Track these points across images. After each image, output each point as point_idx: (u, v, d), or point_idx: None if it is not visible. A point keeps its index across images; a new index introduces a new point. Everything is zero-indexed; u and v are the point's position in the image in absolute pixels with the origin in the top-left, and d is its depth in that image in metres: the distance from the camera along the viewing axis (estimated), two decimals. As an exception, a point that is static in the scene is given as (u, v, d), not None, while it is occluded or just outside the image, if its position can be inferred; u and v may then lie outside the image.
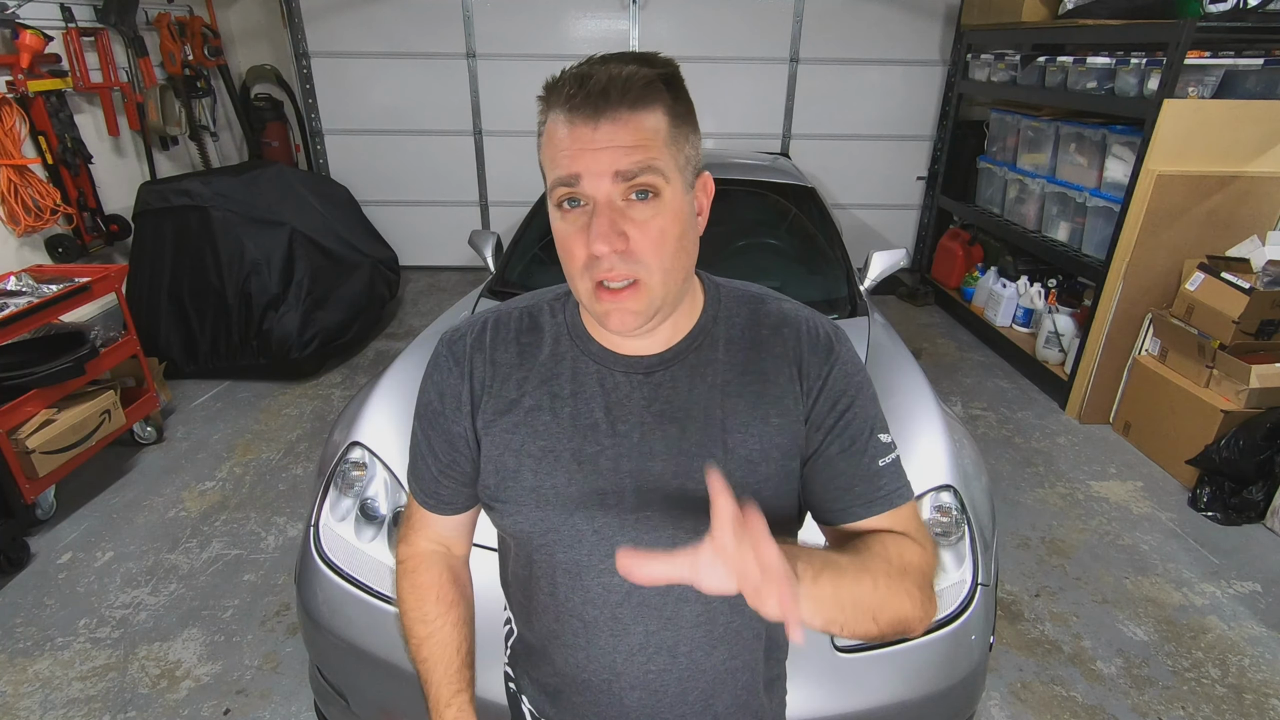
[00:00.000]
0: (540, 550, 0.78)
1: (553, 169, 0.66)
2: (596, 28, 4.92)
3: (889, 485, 0.76)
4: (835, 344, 0.78)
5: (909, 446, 1.63)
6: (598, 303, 0.68)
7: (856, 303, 2.34)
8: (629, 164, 0.64)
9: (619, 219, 0.65)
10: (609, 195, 0.65)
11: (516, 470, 0.76)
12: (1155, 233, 3.08)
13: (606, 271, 0.66)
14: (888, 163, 5.34)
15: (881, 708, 1.36)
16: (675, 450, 0.74)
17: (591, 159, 0.64)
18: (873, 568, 0.67)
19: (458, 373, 0.80)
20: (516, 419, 0.77)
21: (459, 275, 5.44)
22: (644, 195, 0.65)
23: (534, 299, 0.84)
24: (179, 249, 3.55)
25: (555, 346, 0.79)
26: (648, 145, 0.64)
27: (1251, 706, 1.96)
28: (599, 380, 0.76)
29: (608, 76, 0.64)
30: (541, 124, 0.68)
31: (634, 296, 0.67)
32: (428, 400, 0.83)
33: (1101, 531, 2.66)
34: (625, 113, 0.64)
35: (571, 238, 0.67)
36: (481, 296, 2.39)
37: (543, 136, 0.68)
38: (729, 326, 0.78)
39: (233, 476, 2.91)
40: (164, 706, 1.90)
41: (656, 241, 0.66)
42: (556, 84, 0.66)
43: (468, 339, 0.81)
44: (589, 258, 0.66)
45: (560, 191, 0.66)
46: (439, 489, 0.84)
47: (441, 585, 0.86)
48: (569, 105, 0.64)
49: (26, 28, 3.15)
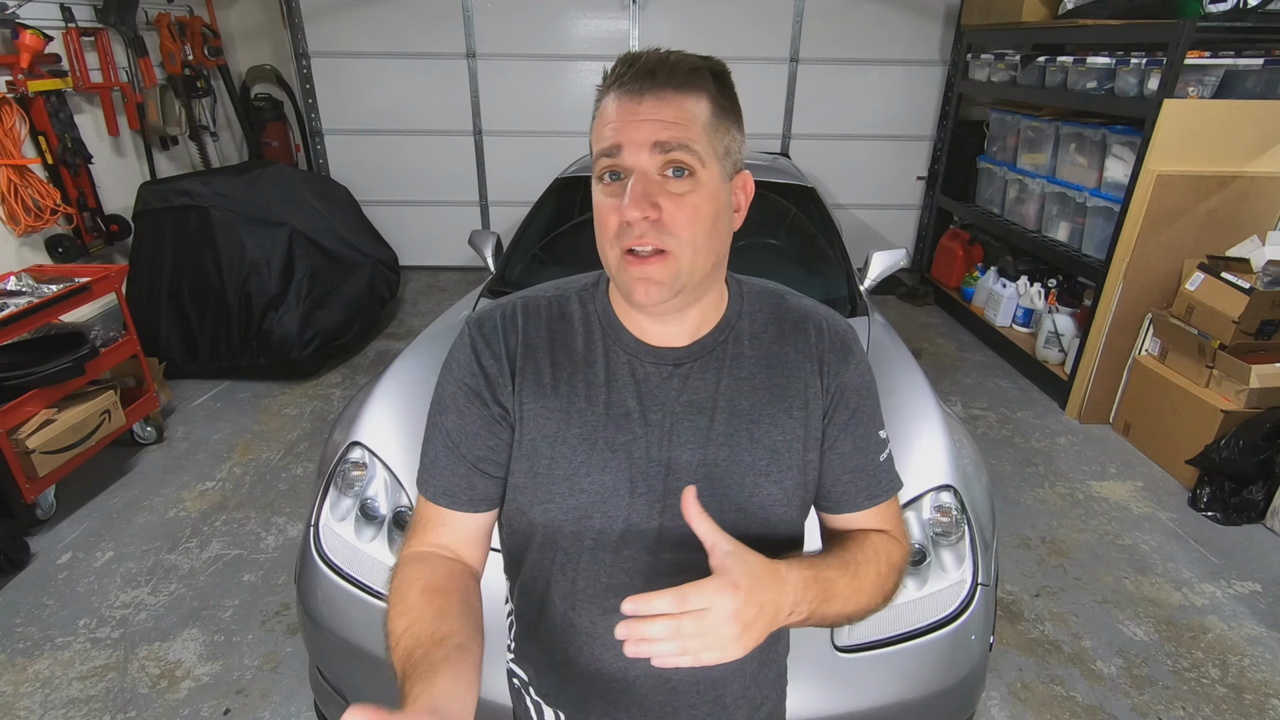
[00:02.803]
0: (569, 539, 0.78)
1: (598, 142, 0.70)
2: (597, 28, 4.92)
3: (886, 478, 0.83)
4: (852, 344, 0.83)
5: (909, 446, 1.63)
6: (626, 271, 0.69)
7: (856, 303, 2.34)
8: (668, 136, 0.66)
9: (654, 189, 0.67)
10: (646, 166, 0.67)
11: (551, 457, 0.76)
12: (1155, 233, 3.08)
13: (637, 239, 0.68)
14: (888, 163, 5.34)
15: (881, 708, 1.36)
16: (703, 440, 0.76)
17: (633, 129, 0.67)
18: (864, 583, 0.74)
19: (489, 353, 0.78)
20: (553, 404, 0.77)
21: (459, 275, 5.44)
22: (680, 173, 0.68)
23: (560, 288, 0.84)
24: (179, 249, 3.55)
25: (588, 335, 0.79)
26: (687, 125, 0.67)
27: (1251, 706, 1.96)
28: (630, 370, 0.77)
29: (657, 59, 0.68)
30: (596, 108, 0.72)
31: (661, 266, 0.68)
32: (458, 385, 0.78)
33: (1101, 531, 2.66)
34: (670, 92, 0.67)
35: (607, 208, 0.70)
36: (481, 296, 2.39)
37: (595, 118, 0.72)
38: (752, 321, 0.81)
39: (233, 476, 2.91)
40: (164, 706, 1.90)
41: (690, 216, 0.68)
42: (612, 69, 0.70)
43: (497, 319, 0.80)
44: (621, 224, 0.68)
45: (603, 163, 0.69)
46: (474, 480, 0.78)
47: (432, 576, 0.74)
48: (618, 83, 0.69)
49: (26, 28, 3.14)
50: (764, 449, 0.77)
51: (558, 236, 2.68)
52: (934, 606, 1.44)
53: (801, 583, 0.66)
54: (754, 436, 0.77)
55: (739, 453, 0.77)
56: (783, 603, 0.64)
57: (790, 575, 0.66)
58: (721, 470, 0.76)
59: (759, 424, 0.77)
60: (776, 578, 0.64)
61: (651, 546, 0.77)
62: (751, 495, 0.77)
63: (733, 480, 0.76)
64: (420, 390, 1.78)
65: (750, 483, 0.77)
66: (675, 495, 0.76)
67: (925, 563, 1.51)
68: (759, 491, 0.77)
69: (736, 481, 0.76)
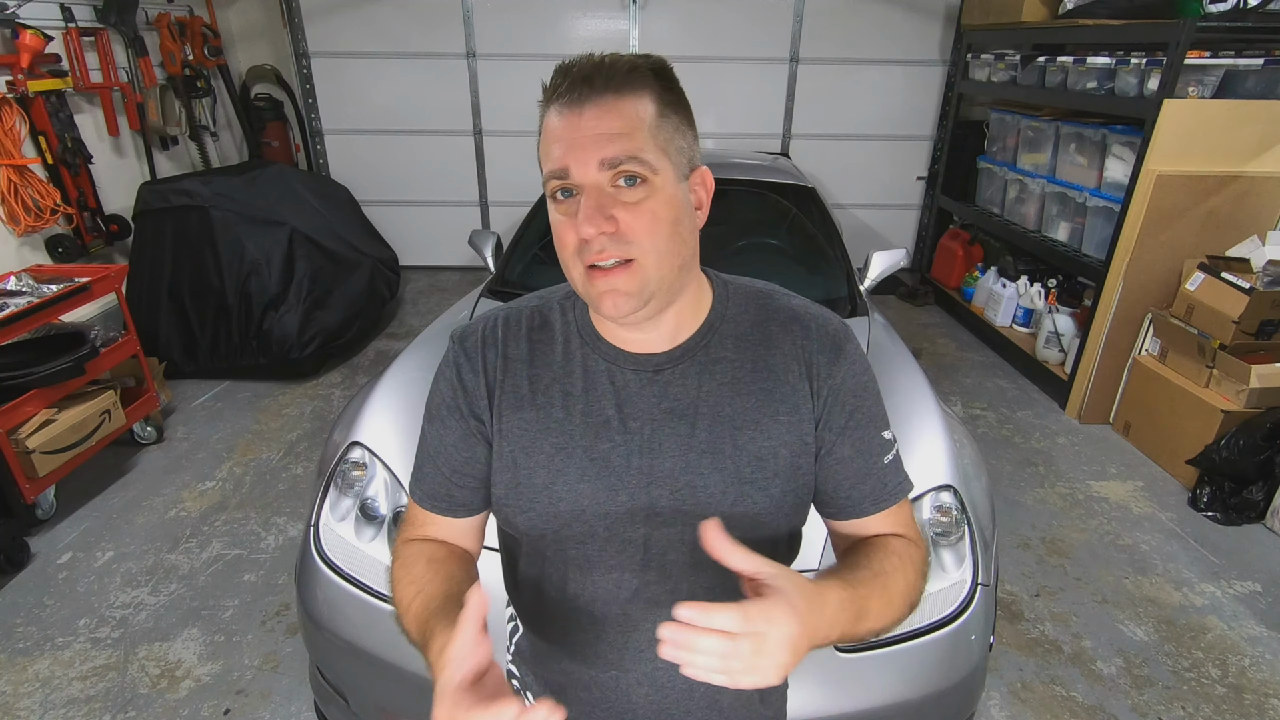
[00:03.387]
0: (553, 547, 0.78)
1: (546, 162, 0.68)
2: (596, 28, 4.92)
3: (893, 481, 0.80)
4: (844, 343, 0.79)
5: (909, 446, 1.63)
6: (591, 285, 0.69)
7: (856, 303, 2.34)
8: (614, 151, 0.65)
9: (607, 203, 0.66)
10: (597, 181, 0.66)
11: (530, 468, 0.76)
12: (1155, 233, 3.08)
13: (597, 254, 0.67)
14: (888, 162, 5.34)
15: (882, 708, 1.36)
16: (684, 447, 0.75)
17: (578, 150, 0.66)
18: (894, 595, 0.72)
19: (470, 368, 0.79)
20: (529, 415, 0.77)
21: (459, 275, 5.44)
22: (632, 181, 0.66)
23: (542, 298, 0.84)
24: (179, 249, 3.55)
25: (566, 344, 0.79)
26: (632, 133, 0.65)
27: (1251, 706, 1.96)
28: (609, 377, 0.77)
29: (592, 65, 0.66)
30: (540, 124, 0.70)
31: (627, 276, 0.68)
32: (441, 399, 0.81)
33: (1101, 531, 2.66)
34: (610, 98, 0.66)
35: (563, 225, 0.69)
36: (481, 296, 2.39)
37: (540, 134, 0.70)
38: (737, 324, 0.79)
39: (233, 476, 2.91)
40: (164, 706, 1.90)
41: (649, 223, 0.67)
42: (550, 81, 0.69)
43: (479, 334, 0.81)
44: (579, 242, 0.67)
45: (553, 184, 0.68)
46: (451, 490, 0.81)
47: (434, 551, 0.80)
48: (557, 96, 0.67)
49: (26, 28, 3.14)
50: (748, 456, 0.75)
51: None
52: (934, 606, 1.44)
53: (839, 604, 0.65)
54: (738, 443, 0.75)
55: (722, 460, 0.75)
56: (822, 625, 0.61)
57: (830, 597, 0.64)
58: (704, 478, 0.75)
59: (743, 430, 0.75)
60: (820, 600, 0.62)
61: (637, 554, 0.77)
62: (736, 503, 0.75)
63: (716, 488, 0.75)
64: (420, 390, 1.75)
65: (735, 490, 0.75)
66: (657, 503, 0.75)
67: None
68: (744, 499, 0.75)
69: (720, 489, 0.75)
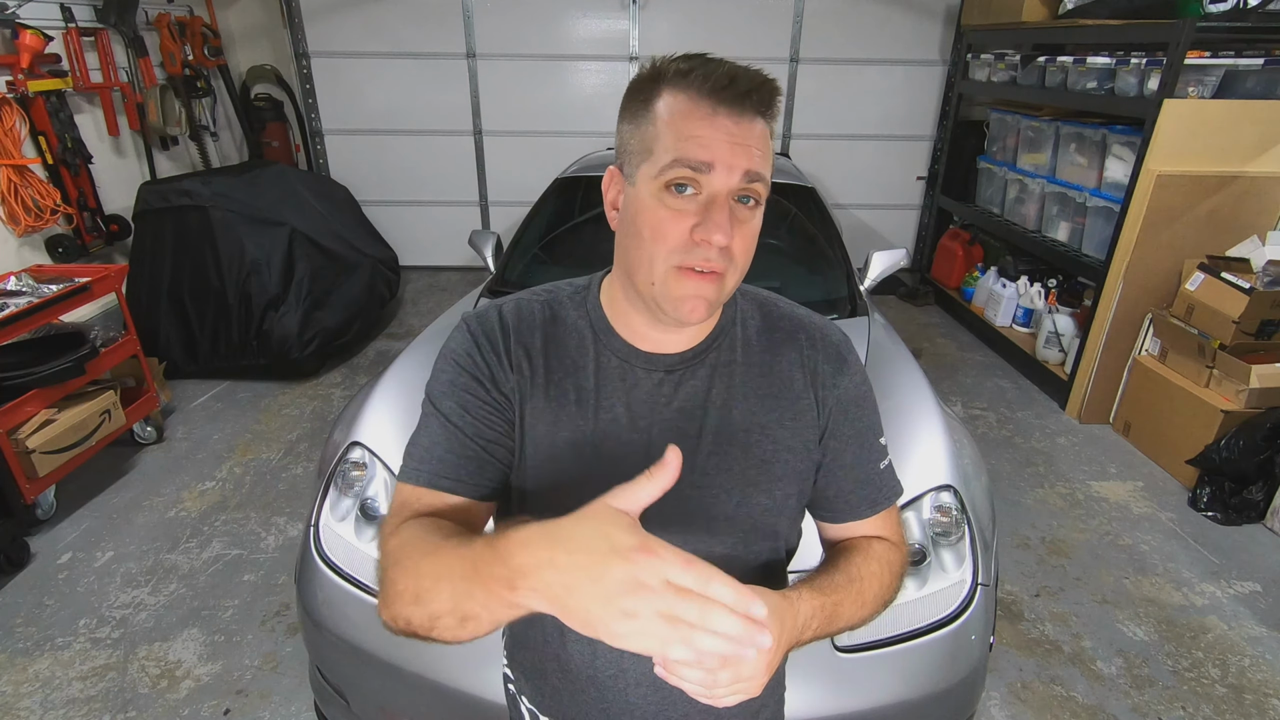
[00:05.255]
0: None
1: (675, 148, 0.64)
2: (597, 28, 4.92)
3: (888, 485, 0.83)
4: (846, 354, 0.81)
5: (909, 446, 1.63)
6: (679, 283, 0.67)
7: (856, 303, 2.34)
8: (760, 166, 0.65)
9: (733, 216, 0.66)
10: (731, 190, 0.65)
11: (536, 461, 0.76)
12: (1155, 233, 3.08)
13: (703, 260, 0.66)
14: (888, 163, 5.34)
15: (881, 708, 1.36)
16: (692, 448, 0.75)
17: (730, 152, 0.64)
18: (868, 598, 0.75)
19: (489, 345, 0.76)
20: (542, 407, 0.76)
21: (459, 275, 5.44)
22: (746, 200, 0.67)
23: (550, 292, 0.82)
24: (179, 249, 3.55)
25: (580, 340, 0.78)
26: (767, 154, 0.67)
27: (1251, 706, 1.96)
28: (621, 376, 0.76)
29: (751, 80, 0.65)
30: (649, 101, 0.67)
31: (714, 285, 0.67)
32: (455, 373, 0.76)
33: (1101, 531, 2.66)
34: (762, 120, 0.66)
35: (670, 219, 0.66)
36: (481, 296, 2.39)
37: (650, 114, 0.66)
38: (745, 329, 0.80)
39: (233, 476, 2.91)
40: (164, 706, 1.90)
41: (748, 244, 0.68)
42: (689, 69, 0.65)
43: (494, 317, 0.78)
44: (688, 242, 0.66)
45: (680, 173, 0.64)
46: (480, 463, 0.73)
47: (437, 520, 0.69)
48: (714, 93, 0.64)
49: (26, 28, 3.15)
50: (754, 459, 0.76)
51: (558, 237, 2.69)
52: (934, 606, 1.44)
53: (810, 611, 0.67)
54: (744, 446, 0.76)
55: (728, 461, 0.76)
56: (792, 633, 0.64)
57: (801, 606, 0.66)
58: (709, 479, 0.75)
59: (750, 433, 0.76)
60: (792, 613, 0.65)
61: None
62: (740, 504, 0.76)
63: (720, 489, 0.76)
64: (420, 391, 1.77)
65: (739, 492, 0.76)
66: (661, 503, 0.74)
67: (925, 563, 1.51)
68: (747, 501, 0.76)
69: (725, 491, 0.76)
